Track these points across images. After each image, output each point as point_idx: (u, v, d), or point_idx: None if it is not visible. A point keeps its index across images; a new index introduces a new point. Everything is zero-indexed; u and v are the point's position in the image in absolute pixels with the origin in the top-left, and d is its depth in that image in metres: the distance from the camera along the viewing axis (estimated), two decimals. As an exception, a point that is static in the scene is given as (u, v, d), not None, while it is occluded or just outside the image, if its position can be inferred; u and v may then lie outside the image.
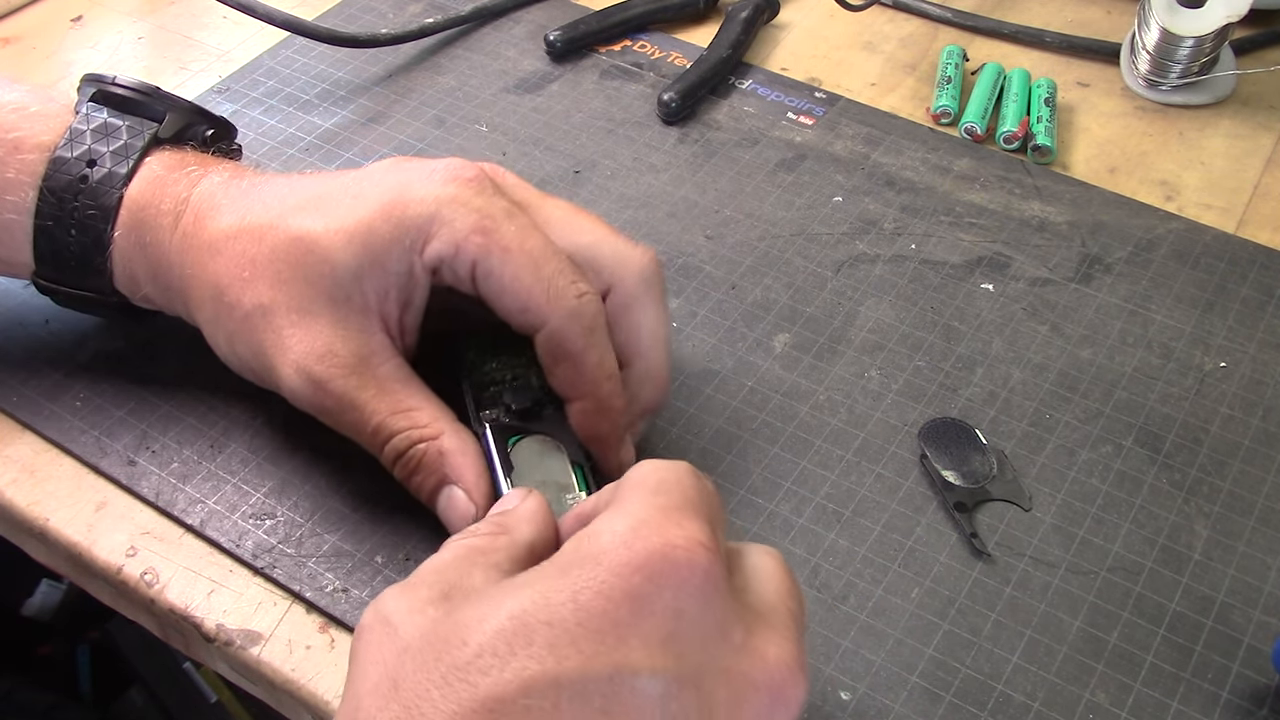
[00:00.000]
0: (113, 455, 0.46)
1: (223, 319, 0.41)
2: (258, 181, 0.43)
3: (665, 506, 0.30)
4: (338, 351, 0.40)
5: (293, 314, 0.40)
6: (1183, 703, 0.39)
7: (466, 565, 0.32)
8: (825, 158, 0.60)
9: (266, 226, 0.41)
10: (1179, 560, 0.43)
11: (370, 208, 0.40)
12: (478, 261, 0.39)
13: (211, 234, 0.42)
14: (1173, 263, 0.54)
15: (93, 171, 0.43)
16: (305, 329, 0.40)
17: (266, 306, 0.40)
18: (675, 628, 0.28)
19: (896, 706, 0.39)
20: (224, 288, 0.41)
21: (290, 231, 0.40)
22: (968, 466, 0.45)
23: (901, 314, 0.52)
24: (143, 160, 0.44)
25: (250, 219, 0.41)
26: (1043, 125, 0.60)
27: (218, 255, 0.41)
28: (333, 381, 0.40)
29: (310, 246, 0.40)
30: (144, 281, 0.44)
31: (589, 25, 0.66)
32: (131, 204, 0.43)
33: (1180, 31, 0.61)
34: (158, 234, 0.43)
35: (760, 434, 0.47)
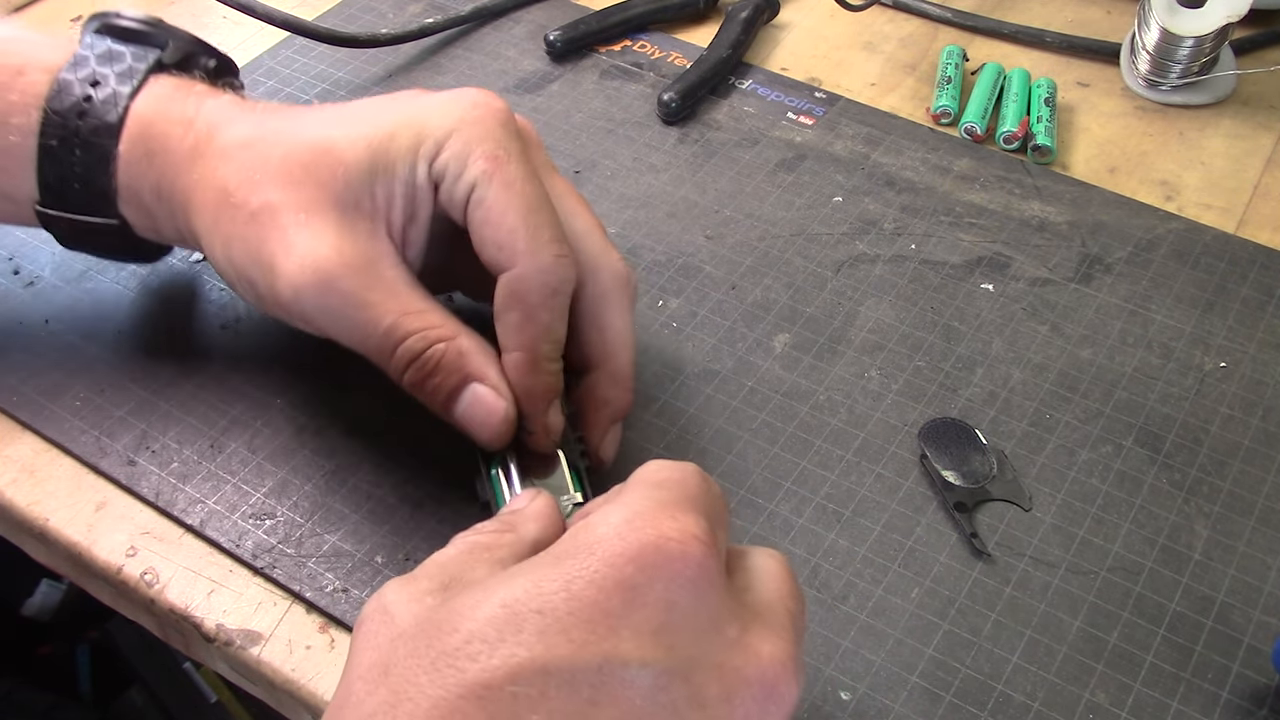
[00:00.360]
0: (113, 455, 0.46)
1: (224, 222, 0.40)
2: (268, 105, 0.44)
3: (663, 500, 0.30)
4: (344, 251, 0.39)
5: (300, 213, 0.39)
6: (1183, 703, 0.39)
7: (470, 560, 0.32)
8: (825, 158, 0.60)
9: (283, 133, 0.41)
10: (1179, 560, 0.43)
11: (393, 119, 0.40)
12: (476, 185, 0.39)
13: (223, 143, 0.41)
14: (1173, 263, 0.54)
15: (97, 91, 0.42)
16: (312, 229, 0.39)
17: (274, 206, 0.39)
18: (667, 619, 0.28)
19: (896, 706, 0.39)
20: (231, 190, 0.40)
21: (307, 136, 0.40)
22: (968, 466, 0.45)
23: (901, 314, 0.52)
24: (146, 81, 0.43)
25: (266, 128, 0.41)
26: (1043, 125, 0.60)
27: (228, 160, 0.41)
28: (341, 279, 0.38)
29: (326, 149, 0.40)
30: (148, 196, 0.43)
31: (589, 25, 0.66)
32: (137, 120, 0.42)
33: (1180, 31, 0.61)
34: (166, 144, 0.42)
35: (760, 434, 0.47)
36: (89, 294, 0.51)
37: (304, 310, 0.39)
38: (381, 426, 0.47)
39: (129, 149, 0.42)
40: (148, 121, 0.42)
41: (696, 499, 0.31)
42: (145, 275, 0.52)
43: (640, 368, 0.49)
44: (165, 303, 0.51)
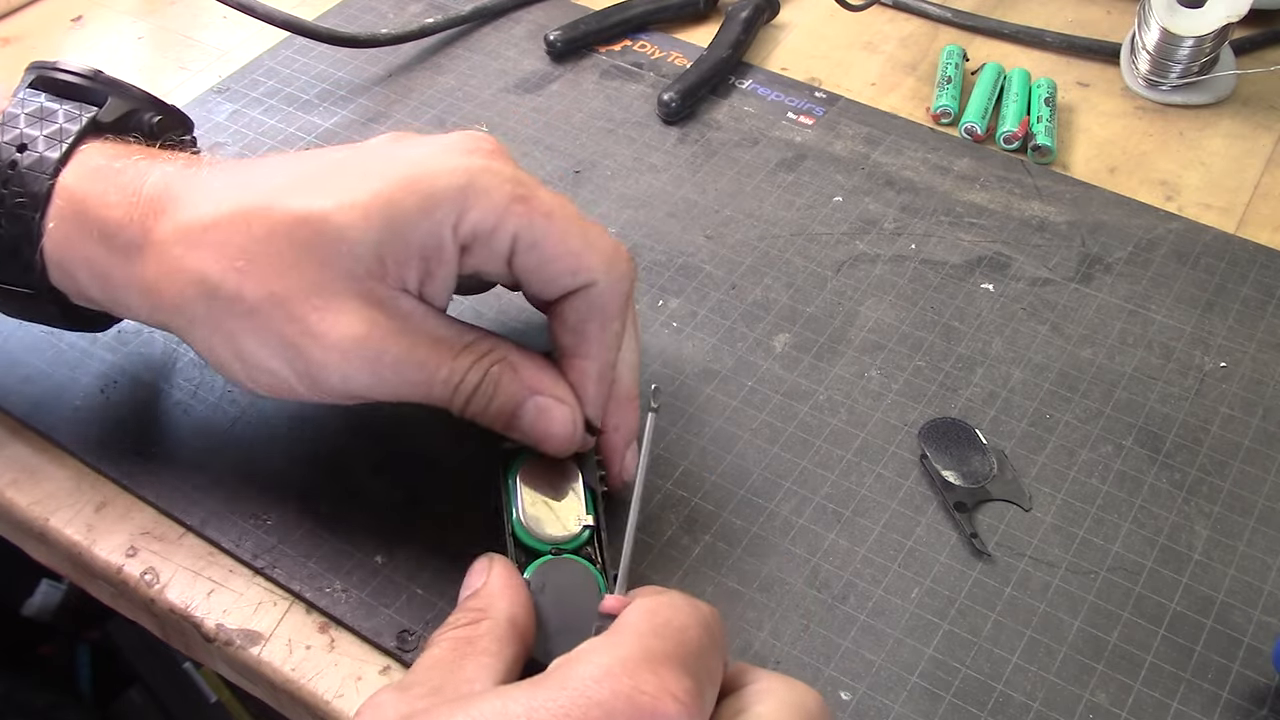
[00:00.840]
0: (113, 455, 0.46)
1: (219, 317, 0.38)
2: (223, 167, 0.40)
3: (652, 651, 0.29)
4: (378, 322, 0.37)
5: (313, 299, 0.37)
6: (1183, 703, 0.39)
7: (456, 659, 0.32)
8: (825, 158, 0.60)
9: (256, 210, 0.37)
10: (1179, 560, 0.43)
11: (388, 181, 0.37)
12: (519, 234, 0.38)
13: (180, 227, 0.38)
14: (1173, 263, 0.54)
15: (23, 157, 0.39)
16: (334, 311, 0.37)
17: (279, 296, 0.37)
18: None
19: (896, 706, 0.39)
20: (216, 283, 0.37)
21: (291, 212, 0.37)
22: (968, 466, 0.45)
23: (901, 314, 0.52)
24: (78, 146, 0.40)
25: (231, 204, 0.38)
26: (1043, 125, 0.60)
27: (195, 248, 0.38)
28: (386, 352, 0.37)
29: (320, 226, 0.37)
30: (86, 283, 0.40)
31: (589, 25, 0.66)
32: (68, 195, 0.39)
33: (1180, 31, 0.61)
34: (105, 227, 0.39)
35: (760, 434, 0.47)
36: (89, 294, 0.51)
37: (353, 391, 0.38)
38: (382, 426, 0.47)
39: (59, 228, 0.39)
40: (80, 198, 0.39)
41: (689, 655, 0.30)
42: (145, 275, 0.52)
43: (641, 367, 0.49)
44: (165, 303, 0.51)
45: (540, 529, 0.39)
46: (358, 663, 0.40)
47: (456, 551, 0.43)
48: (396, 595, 0.41)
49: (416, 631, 0.40)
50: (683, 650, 0.30)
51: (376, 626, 0.41)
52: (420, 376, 0.38)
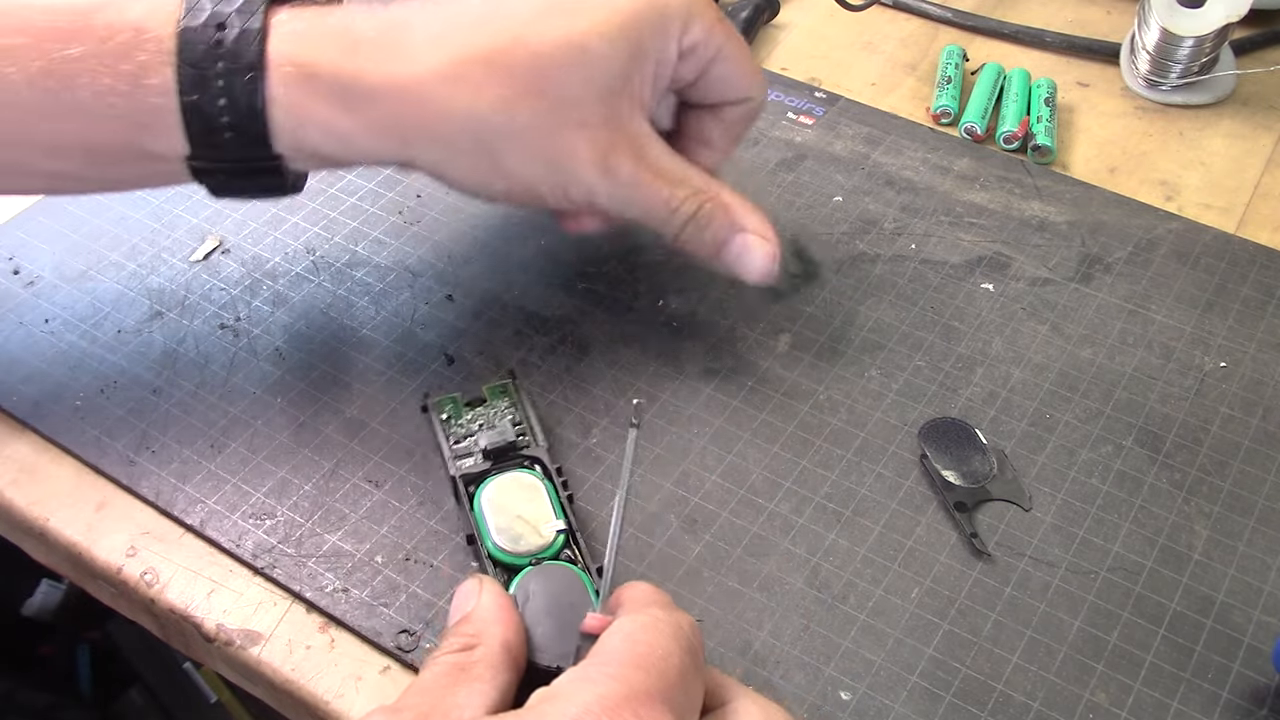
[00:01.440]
0: (113, 455, 0.46)
1: (489, 141, 0.42)
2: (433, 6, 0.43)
3: (634, 687, 0.29)
4: (620, 144, 0.44)
5: (573, 118, 0.42)
6: (1183, 703, 0.39)
7: (449, 684, 0.32)
8: (825, 158, 0.60)
9: (514, 43, 0.42)
10: (1179, 560, 0.43)
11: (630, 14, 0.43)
12: (722, 46, 0.45)
13: (432, 68, 0.41)
14: (1173, 263, 0.54)
15: (225, 34, 0.41)
16: (591, 130, 0.43)
17: (545, 117, 0.42)
18: None
19: (896, 706, 0.39)
20: (485, 114, 0.41)
21: (552, 39, 0.42)
22: (968, 466, 0.45)
23: (901, 314, 0.52)
24: (270, 15, 0.41)
25: (484, 40, 0.42)
26: (1043, 125, 0.60)
27: (458, 84, 0.41)
28: (623, 173, 0.44)
29: (581, 48, 0.42)
30: (318, 140, 0.42)
31: (589, 25, 0.66)
32: (284, 58, 0.41)
33: (1180, 31, 0.61)
34: (336, 83, 0.41)
35: (760, 434, 0.47)
36: (89, 294, 0.51)
37: (597, 199, 0.44)
38: (380, 425, 0.47)
39: (285, 90, 0.41)
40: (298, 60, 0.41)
41: (671, 688, 0.30)
42: (145, 275, 0.52)
43: (640, 367, 0.49)
44: (165, 302, 0.51)
45: (515, 545, 0.40)
46: (358, 663, 0.40)
47: (457, 552, 0.43)
48: (396, 595, 0.41)
49: (416, 631, 0.40)
50: (664, 683, 0.30)
51: (376, 626, 0.41)
52: (644, 195, 0.45)
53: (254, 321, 0.50)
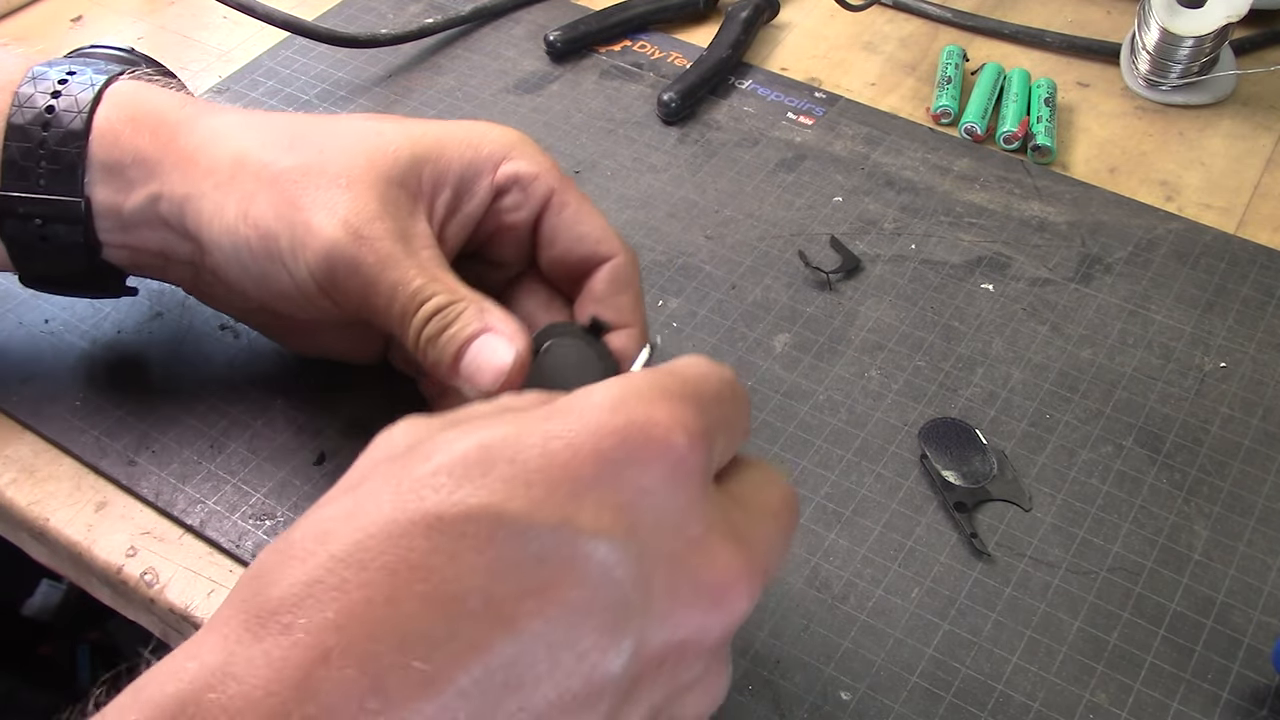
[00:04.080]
0: (113, 455, 0.46)
1: (242, 181, 0.40)
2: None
3: (667, 387, 0.29)
4: (386, 219, 0.39)
5: (341, 179, 0.39)
6: (1183, 703, 0.39)
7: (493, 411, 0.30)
8: (825, 158, 0.60)
9: (315, 120, 0.42)
10: (1179, 560, 0.43)
11: (445, 127, 0.42)
12: (556, 192, 0.42)
13: (233, 118, 0.42)
14: (1173, 263, 0.54)
15: (69, 81, 0.42)
16: (355, 194, 0.39)
17: (310, 167, 0.39)
18: (633, 500, 0.27)
19: (896, 706, 0.39)
20: (252, 152, 0.40)
21: (348, 125, 0.41)
22: (968, 466, 0.45)
23: (901, 314, 0.52)
24: (120, 76, 0.43)
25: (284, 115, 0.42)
26: (1043, 125, 0.60)
27: (244, 130, 0.41)
28: (380, 240, 0.38)
29: (378, 134, 0.41)
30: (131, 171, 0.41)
31: (589, 25, 0.66)
32: (119, 96, 0.42)
33: (1180, 31, 0.61)
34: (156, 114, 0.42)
35: (760, 434, 0.47)
36: (89, 294, 0.51)
37: (333, 270, 0.39)
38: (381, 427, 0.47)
39: (110, 121, 0.41)
40: (132, 98, 0.42)
41: (704, 396, 0.30)
42: (145, 275, 0.52)
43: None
44: (165, 303, 0.51)
45: None
46: (358, 663, 0.40)
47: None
48: (396, 595, 0.41)
49: (416, 631, 0.40)
50: (698, 393, 0.30)
51: (376, 626, 0.41)
52: (394, 276, 0.38)
53: (254, 321, 0.50)
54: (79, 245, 0.42)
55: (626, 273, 0.42)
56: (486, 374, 0.38)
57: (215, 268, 0.42)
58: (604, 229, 0.42)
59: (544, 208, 0.42)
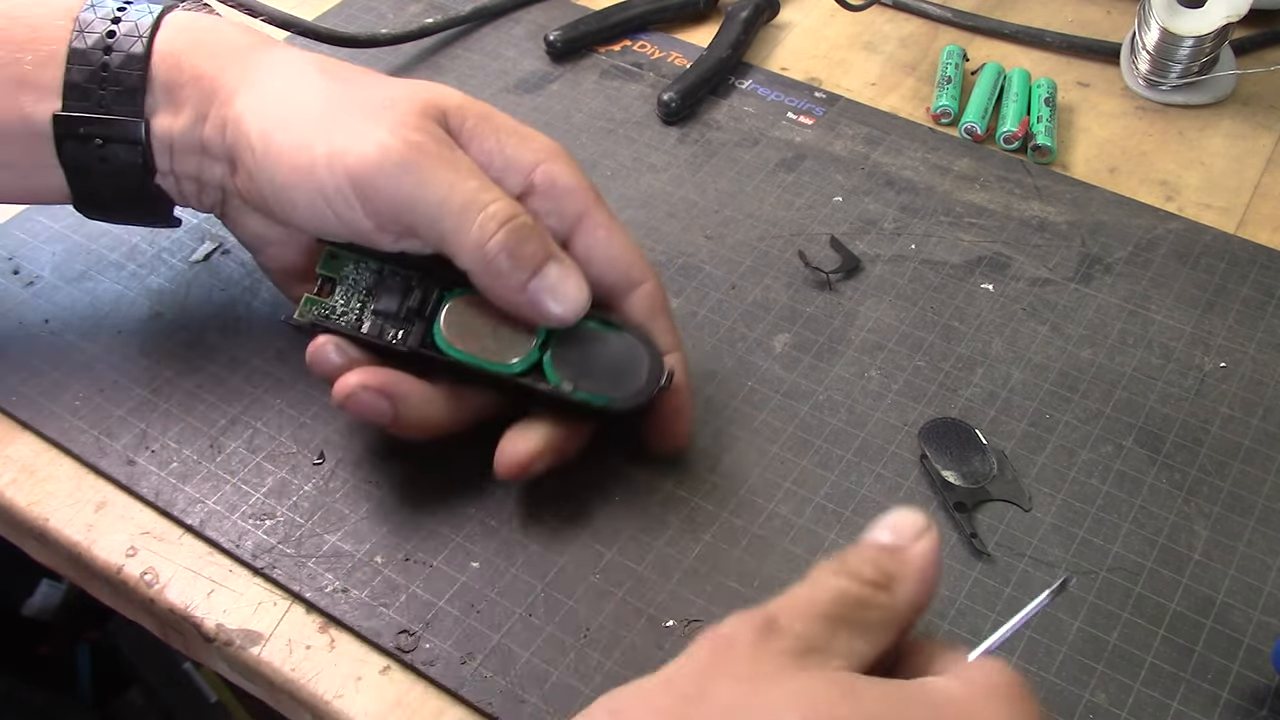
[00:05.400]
0: (112, 455, 0.46)
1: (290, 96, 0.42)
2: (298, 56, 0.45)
3: None
4: (430, 130, 0.40)
5: (386, 100, 0.41)
6: (1183, 703, 0.39)
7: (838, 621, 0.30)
8: (825, 158, 0.60)
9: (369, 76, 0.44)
10: (1179, 560, 0.43)
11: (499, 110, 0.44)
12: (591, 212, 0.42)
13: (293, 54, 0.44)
14: (1173, 263, 0.54)
15: (123, 15, 0.43)
16: (401, 116, 0.40)
17: (357, 88, 0.42)
18: None
19: (896, 706, 0.39)
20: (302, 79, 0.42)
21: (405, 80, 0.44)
22: (968, 466, 0.45)
23: (901, 314, 0.52)
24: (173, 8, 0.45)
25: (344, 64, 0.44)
26: (1043, 125, 0.60)
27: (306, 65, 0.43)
28: (429, 142, 0.40)
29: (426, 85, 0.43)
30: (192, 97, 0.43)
31: (589, 25, 0.66)
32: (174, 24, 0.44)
33: (1180, 31, 0.61)
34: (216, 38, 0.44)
35: (760, 434, 0.47)
36: (89, 294, 0.51)
37: (383, 174, 0.39)
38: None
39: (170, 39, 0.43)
40: (187, 21, 0.44)
41: None
42: (145, 275, 0.52)
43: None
44: (165, 303, 0.51)
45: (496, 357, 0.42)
46: (357, 663, 0.40)
47: (457, 552, 0.43)
48: (396, 595, 0.41)
49: (416, 632, 0.40)
50: None
51: (376, 627, 0.41)
52: (448, 176, 0.39)
53: (254, 322, 0.50)
54: (136, 167, 0.43)
55: (661, 298, 0.44)
56: (566, 304, 0.40)
57: (243, 189, 0.43)
58: (636, 254, 0.43)
59: (577, 225, 0.42)
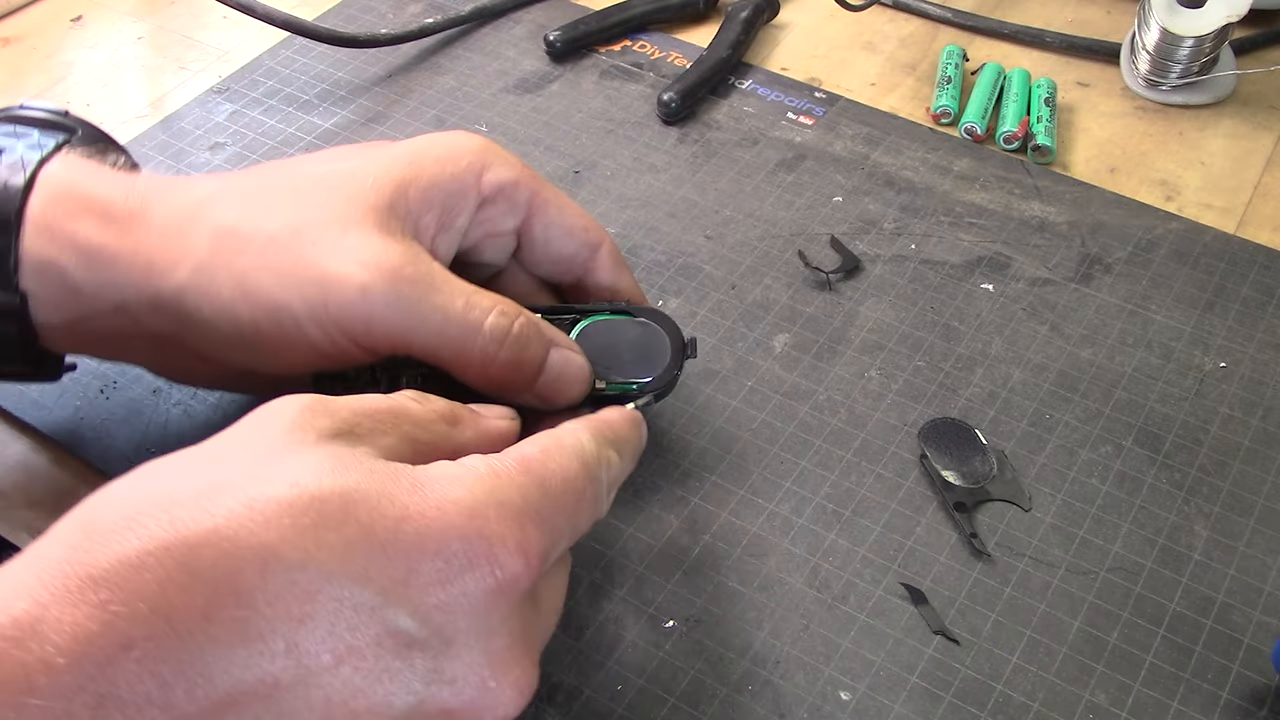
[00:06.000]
0: (113, 455, 0.46)
1: (231, 256, 0.36)
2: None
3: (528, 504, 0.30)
4: (400, 250, 0.37)
5: (335, 226, 0.36)
6: (1183, 703, 0.39)
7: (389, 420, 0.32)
8: (825, 158, 0.60)
9: (279, 169, 0.39)
10: (1179, 560, 0.43)
11: (413, 147, 0.40)
12: (537, 191, 0.42)
13: (194, 193, 0.38)
14: (1173, 263, 0.54)
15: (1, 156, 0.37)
16: (356, 235, 0.36)
17: (299, 225, 0.36)
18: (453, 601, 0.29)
19: (896, 706, 0.39)
20: (233, 224, 0.37)
21: (323, 166, 0.39)
22: (968, 466, 0.45)
23: (901, 314, 0.52)
24: (57, 153, 0.38)
25: (250, 172, 0.39)
26: (1043, 125, 0.60)
27: (212, 203, 0.37)
28: (406, 268, 0.36)
29: (350, 172, 0.38)
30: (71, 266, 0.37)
31: (589, 25, 0.66)
32: (53, 181, 0.37)
33: (1180, 31, 0.61)
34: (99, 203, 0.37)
35: (760, 434, 0.47)
36: (89, 294, 0.51)
37: (372, 310, 0.36)
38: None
39: (46, 207, 0.37)
40: (68, 182, 0.37)
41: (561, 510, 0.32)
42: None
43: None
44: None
45: None
46: (358, 663, 0.40)
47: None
48: (396, 595, 0.41)
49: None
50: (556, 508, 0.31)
51: (376, 626, 0.41)
52: (439, 300, 0.37)
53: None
54: (12, 340, 0.38)
55: (618, 254, 0.44)
56: (573, 388, 0.40)
57: (200, 348, 0.38)
58: (586, 218, 0.43)
59: (530, 211, 0.42)
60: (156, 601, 0.25)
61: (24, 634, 0.24)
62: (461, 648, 0.29)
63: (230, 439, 0.30)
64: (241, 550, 0.26)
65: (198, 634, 0.25)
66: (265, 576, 0.26)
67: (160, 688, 0.25)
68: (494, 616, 0.29)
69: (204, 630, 0.25)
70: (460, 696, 0.29)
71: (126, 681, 0.25)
